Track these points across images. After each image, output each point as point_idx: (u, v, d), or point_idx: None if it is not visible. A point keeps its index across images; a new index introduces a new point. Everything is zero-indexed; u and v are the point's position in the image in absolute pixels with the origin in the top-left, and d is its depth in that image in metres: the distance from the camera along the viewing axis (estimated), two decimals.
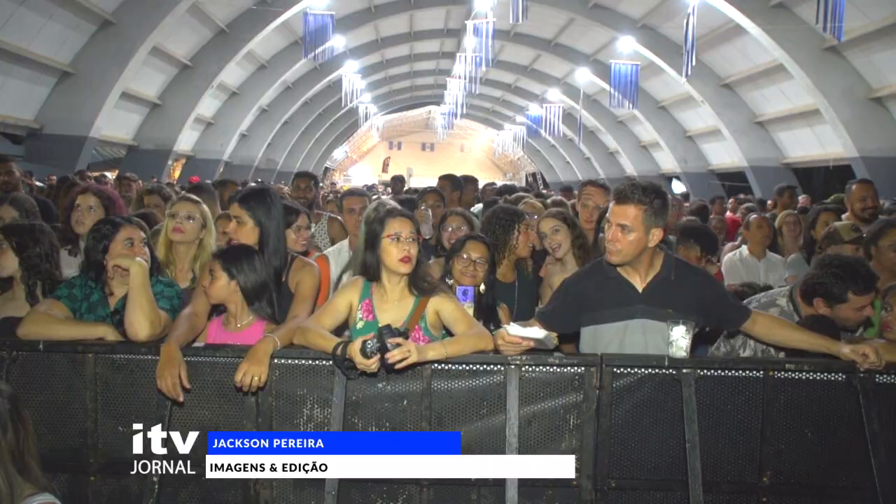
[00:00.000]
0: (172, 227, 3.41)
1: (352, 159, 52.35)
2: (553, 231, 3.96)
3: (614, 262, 2.81)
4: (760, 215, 5.72)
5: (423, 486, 2.67)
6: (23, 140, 15.75)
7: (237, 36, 18.96)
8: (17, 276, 3.09)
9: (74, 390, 2.71)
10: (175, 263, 3.44)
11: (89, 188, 4.01)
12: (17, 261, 3.07)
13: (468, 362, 2.65)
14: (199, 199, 3.60)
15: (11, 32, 12.97)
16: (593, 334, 2.89)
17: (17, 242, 3.07)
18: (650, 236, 2.74)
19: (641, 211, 2.71)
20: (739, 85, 19.15)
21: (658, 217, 2.73)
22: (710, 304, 2.86)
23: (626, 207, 2.73)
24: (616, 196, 2.79)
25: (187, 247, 3.46)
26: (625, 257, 2.77)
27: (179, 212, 3.45)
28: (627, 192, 2.74)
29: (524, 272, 3.86)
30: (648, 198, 2.71)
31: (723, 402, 2.69)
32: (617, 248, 2.75)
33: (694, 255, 4.00)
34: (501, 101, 37.30)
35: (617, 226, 2.74)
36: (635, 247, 2.74)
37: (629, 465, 2.71)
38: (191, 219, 3.43)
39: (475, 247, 3.39)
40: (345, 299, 2.86)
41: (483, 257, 3.36)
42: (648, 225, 2.72)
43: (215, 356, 2.69)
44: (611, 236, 2.76)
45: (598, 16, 19.87)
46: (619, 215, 2.74)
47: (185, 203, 3.50)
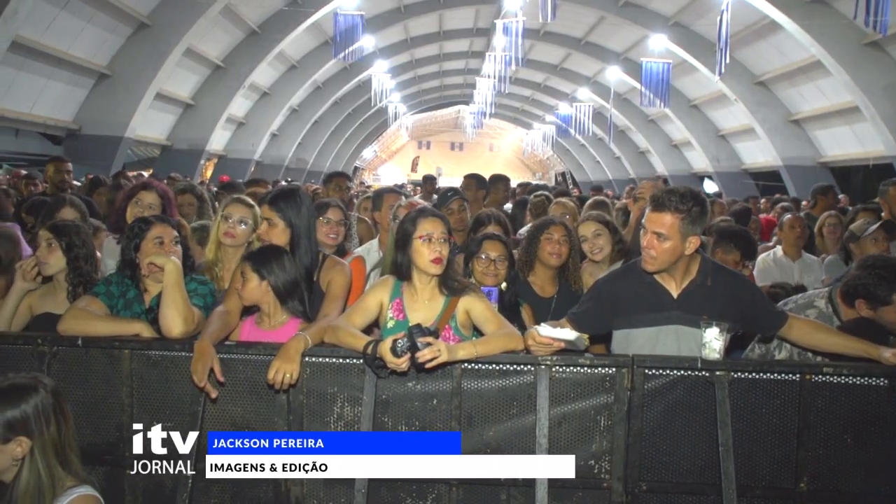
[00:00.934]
0: (224, 230, 3.40)
1: (381, 159, 52.58)
2: (595, 235, 3.94)
3: (650, 271, 2.78)
4: (794, 215, 5.61)
5: (453, 485, 2.67)
6: (62, 140, 16.13)
7: (268, 37, 19.16)
8: (62, 274, 3.15)
9: (111, 385, 2.77)
10: (223, 263, 3.44)
11: (152, 184, 4.03)
12: (65, 260, 3.13)
13: (498, 362, 2.65)
14: (253, 203, 3.54)
15: (53, 36, 13.30)
16: (626, 338, 2.86)
17: (66, 242, 3.13)
18: (686, 244, 2.69)
19: (678, 219, 2.66)
20: (774, 82, 18.79)
21: (695, 225, 2.68)
22: (746, 309, 2.81)
23: (662, 215, 2.68)
24: (653, 203, 2.74)
25: (236, 250, 3.44)
26: (661, 265, 2.73)
27: (233, 215, 3.42)
28: (664, 199, 2.68)
29: (569, 286, 3.73)
30: (686, 205, 2.66)
31: (757, 405, 2.64)
32: (652, 256, 2.71)
33: (732, 259, 3.91)
34: (531, 101, 37.12)
35: (653, 233, 2.70)
36: (671, 255, 2.70)
37: (660, 468, 2.67)
38: (243, 223, 3.41)
39: (493, 246, 3.39)
40: (375, 298, 2.87)
41: (502, 255, 3.36)
42: (685, 233, 2.67)
43: (248, 353, 2.72)
44: (646, 243, 2.72)
45: (629, 14, 19.67)
46: (656, 223, 2.69)
47: (239, 206, 3.46)
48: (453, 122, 50.96)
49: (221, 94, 19.72)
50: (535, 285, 3.67)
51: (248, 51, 19.44)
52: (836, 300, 3.16)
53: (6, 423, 2.00)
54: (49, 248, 3.12)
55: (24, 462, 2.02)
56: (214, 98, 19.73)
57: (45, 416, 2.04)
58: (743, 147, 22.92)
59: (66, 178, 6.21)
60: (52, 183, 6.29)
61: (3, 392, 2.03)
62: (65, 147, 15.82)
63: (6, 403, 2.01)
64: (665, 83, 19.02)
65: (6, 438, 2.00)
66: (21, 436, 2.01)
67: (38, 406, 2.04)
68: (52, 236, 3.14)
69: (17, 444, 2.01)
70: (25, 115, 14.10)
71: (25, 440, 2.01)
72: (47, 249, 3.12)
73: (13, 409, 2.01)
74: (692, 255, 2.79)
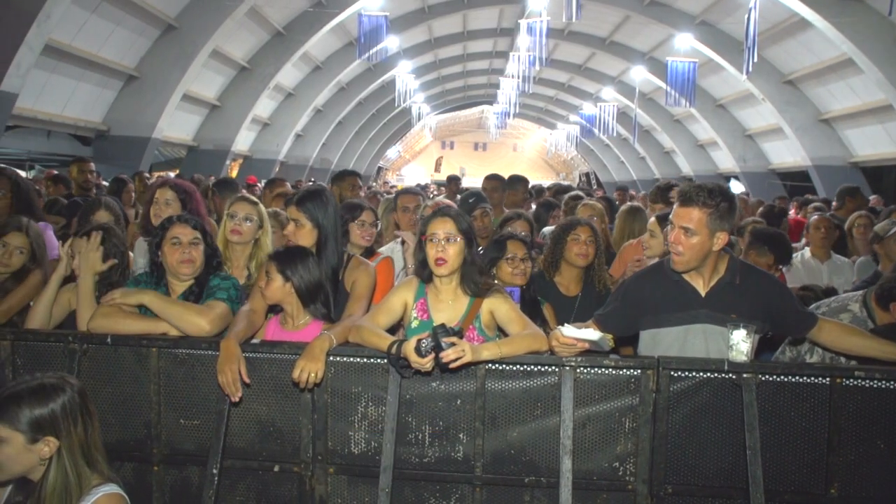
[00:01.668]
0: (231, 227, 3.48)
1: (405, 159, 52.71)
2: (650, 235, 3.94)
3: (678, 269, 2.74)
4: (820, 216, 5.51)
5: (476, 485, 2.67)
6: (91, 141, 16.41)
7: (293, 38, 19.29)
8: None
9: (139, 383, 2.81)
10: (231, 261, 3.51)
11: (167, 182, 4.09)
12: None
13: (522, 363, 2.64)
14: (256, 200, 3.65)
15: (83, 39, 13.54)
16: (653, 338, 2.83)
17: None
18: (714, 240, 2.65)
19: (706, 214, 2.62)
20: (803, 81, 18.46)
21: (724, 220, 2.64)
22: (775, 309, 2.76)
23: (690, 210, 2.65)
24: (680, 197, 2.71)
25: (244, 246, 3.53)
26: (688, 262, 2.69)
27: (238, 213, 3.51)
28: (692, 193, 2.65)
29: (593, 286, 3.73)
30: (714, 200, 2.62)
31: (786, 408, 2.60)
32: (679, 252, 2.67)
33: (765, 262, 3.84)
34: (555, 101, 36.95)
35: (680, 228, 2.66)
36: (698, 251, 2.66)
37: (686, 471, 2.65)
38: (248, 220, 3.50)
39: (517, 245, 3.40)
40: (400, 298, 2.87)
41: (526, 254, 3.39)
42: (713, 228, 2.63)
43: (272, 353, 2.74)
44: (673, 239, 2.68)
45: (654, 13, 19.47)
46: (683, 217, 2.66)
47: (244, 204, 3.56)
48: (477, 122, 50.90)
49: (247, 94, 19.90)
50: (560, 285, 3.68)
51: (274, 52, 19.59)
52: (871, 304, 3.09)
53: (35, 423, 2.02)
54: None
55: (51, 462, 2.04)
56: (240, 99, 19.91)
57: (72, 416, 2.06)
58: (770, 147, 22.57)
59: (89, 179, 6.31)
60: (76, 183, 6.40)
61: (32, 391, 2.05)
62: (94, 148, 16.09)
63: (34, 403, 2.03)
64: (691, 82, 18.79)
65: (34, 438, 2.02)
66: (49, 436, 2.03)
67: (66, 406, 2.06)
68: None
69: (45, 443, 2.03)
70: (57, 116, 14.37)
71: (53, 440, 2.03)
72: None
73: (41, 408, 2.03)
74: (720, 254, 2.75)
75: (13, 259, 3.32)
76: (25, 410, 2.01)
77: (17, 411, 2.01)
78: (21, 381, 2.11)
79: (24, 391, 2.04)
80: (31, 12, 10.61)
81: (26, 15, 10.61)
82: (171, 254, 2.96)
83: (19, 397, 2.03)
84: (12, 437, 2.01)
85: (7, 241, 3.32)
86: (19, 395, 2.03)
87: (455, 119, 49.35)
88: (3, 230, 3.36)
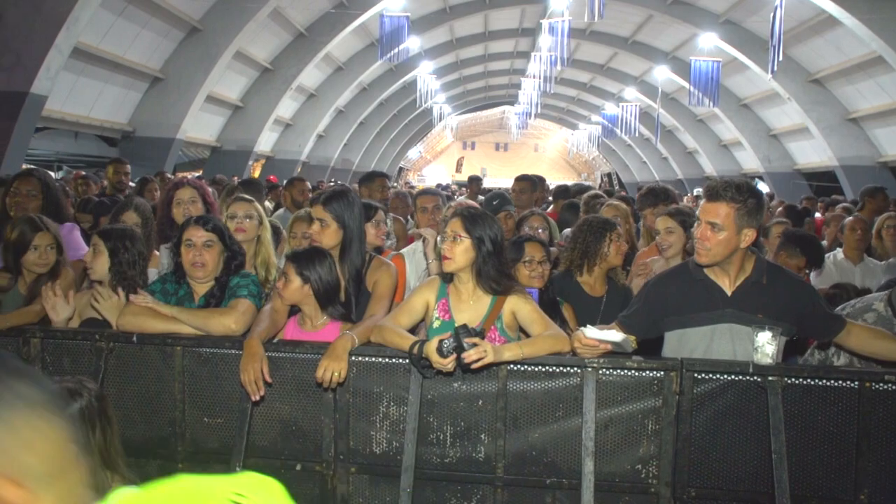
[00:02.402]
0: (234, 227, 3.48)
1: (426, 159, 52.78)
2: (667, 232, 3.92)
3: (703, 264, 2.70)
4: (856, 216, 5.42)
5: (498, 486, 2.67)
6: (117, 142, 16.66)
7: (315, 39, 19.40)
8: (107, 279, 3.20)
9: (164, 381, 2.85)
10: None
11: (183, 182, 4.14)
12: (109, 265, 3.17)
13: (544, 364, 2.63)
14: (252, 198, 3.72)
15: (110, 42, 13.75)
16: (678, 339, 2.79)
17: (111, 247, 3.17)
18: (742, 237, 2.61)
19: (734, 209, 2.59)
20: (830, 80, 18.17)
21: (751, 217, 2.60)
22: (802, 311, 2.71)
23: (717, 205, 2.61)
24: (707, 193, 2.68)
25: (248, 245, 3.54)
26: (714, 258, 2.65)
27: (238, 212, 3.54)
28: (720, 188, 2.62)
29: (616, 284, 3.75)
30: (742, 196, 2.59)
31: (812, 412, 2.57)
32: (706, 248, 2.63)
33: (796, 264, 3.77)
34: (576, 101, 36.76)
35: (707, 224, 2.63)
36: (725, 247, 2.62)
37: (710, 474, 2.62)
38: (249, 217, 3.54)
39: (535, 247, 3.38)
40: (421, 298, 2.87)
41: (544, 256, 3.37)
42: (740, 225, 2.60)
43: (295, 352, 2.76)
44: (700, 234, 2.65)
45: (677, 12, 19.29)
46: (710, 213, 2.62)
47: (242, 203, 3.60)
48: (498, 122, 50.83)
49: (269, 95, 20.06)
50: (585, 285, 3.66)
51: (296, 53, 19.73)
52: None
53: None
54: (95, 252, 3.17)
55: None
56: (262, 100, 20.07)
57: (90, 422, 2.04)
58: (796, 147, 22.26)
59: (122, 180, 6.42)
60: (110, 183, 6.52)
61: None
62: (119, 149, 16.32)
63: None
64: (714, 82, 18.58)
65: None
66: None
67: (84, 411, 2.04)
68: (100, 241, 3.19)
69: None
70: (84, 118, 14.61)
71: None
72: (93, 254, 3.17)
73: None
74: (747, 254, 2.72)
75: (50, 257, 3.38)
76: None
77: None
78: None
79: None
80: (60, 16, 10.80)
81: (56, 19, 10.81)
82: (185, 255, 2.98)
83: None
84: None
85: (37, 243, 3.37)
86: None
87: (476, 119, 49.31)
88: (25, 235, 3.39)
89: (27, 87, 10.92)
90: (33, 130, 12.24)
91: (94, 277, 3.21)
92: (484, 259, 2.75)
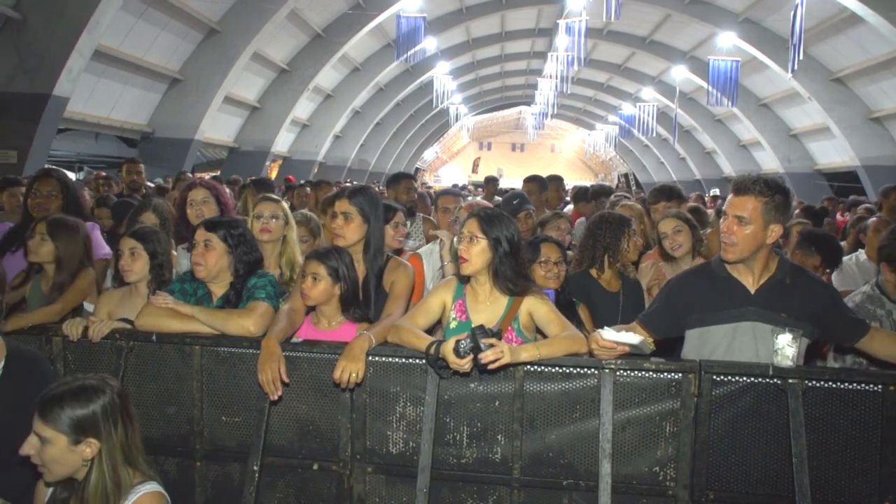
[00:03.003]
0: (259, 227, 3.52)
1: (442, 160, 52.82)
2: (675, 231, 3.97)
3: (730, 260, 2.67)
4: (880, 217, 5.34)
5: (514, 487, 2.66)
6: (136, 143, 16.85)
7: (332, 40, 19.50)
8: (143, 282, 3.25)
9: (183, 380, 2.86)
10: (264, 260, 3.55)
11: (196, 183, 4.18)
12: (148, 268, 3.23)
13: (561, 365, 2.62)
14: (279, 198, 3.73)
15: (130, 44, 13.92)
16: (700, 337, 2.77)
17: (150, 250, 3.22)
18: (768, 232, 2.59)
19: (761, 203, 2.57)
20: (853, 79, 17.93)
21: (779, 213, 2.58)
22: (825, 314, 2.68)
23: (745, 199, 2.59)
24: (735, 187, 2.66)
25: (273, 245, 3.58)
26: (741, 253, 2.62)
27: (264, 212, 3.57)
28: (748, 183, 2.60)
29: (628, 278, 3.77)
30: (770, 190, 2.57)
31: (834, 416, 2.52)
32: (732, 241, 2.61)
33: (811, 264, 3.74)
34: (593, 101, 36.61)
35: (734, 217, 2.60)
36: (751, 241, 2.59)
37: (729, 478, 2.59)
38: (275, 217, 3.56)
39: (551, 248, 3.38)
40: (438, 299, 2.87)
41: (560, 257, 3.36)
42: (767, 219, 2.57)
43: (312, 352, 2.77)
44: (726, 228, 2.63)
45: (696, 11, 19.15)
46: (737, 207, 2.60)
47: (268, 203, 3.62)
48: (514, 122, 50.75)
49: (286, 96, 20.18)
50: (602, 281, 3.66)
51: (313, 54, 19.83)
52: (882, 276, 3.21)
53: (76, 424, 2.03)
54: (133, 255, 3.20)
55: (93, 463, 2.06)
56: (280, 101, 20.21)
57: (112, 418, 2.07)
58: (816, 147, 22.00)
59: (136, 179, 6.47)
60: (125, 183, 6.59)
61: (73, 393, 2.06)
62: (139, 149, 16.52)
63: (76, 404, 2.04)
64: (733, 81, 18.42)
65: (77, 440, 2.03)
66: (90, 437, 2.04)
67: (106, 408, 2.07)
68: (138, 244, 3.22)
69: (87, 444, 2.04)
70: (105, 119, 14.80)
71: (94, 441, 2.04)
72: (131, 257, 3.20)
73: (83, 409, 2.04)
74: (772, 253, 2.69)
75: None
76: (67, 411, 2.03)
77: (59, 413, 2.03)
78: (63, 381, 2.13)
79: (65, 392, 2.06)
80: (82, 20, 10.96)
81: (78, 22, 10.97)
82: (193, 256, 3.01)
83: (61, 399, 2.05)
84: (56, 439, 2.03)
85: None
86: (61, 397, 2.05)
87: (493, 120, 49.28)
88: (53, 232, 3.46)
89: (49, 89, 11.09)
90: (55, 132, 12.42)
91: (131, 279, 3.23)
92: (501, 260, 2.75)
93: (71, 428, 2.03)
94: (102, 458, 2.06)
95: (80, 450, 2.05)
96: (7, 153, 11.20)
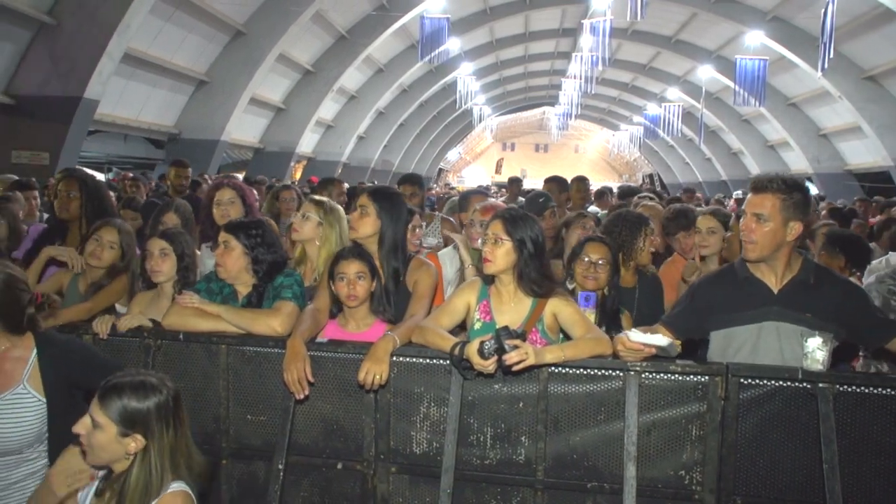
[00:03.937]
0: (293, 227, 3.59)
1: (465, 160, 52.82)
2: (709, 232, 3.91)
3: (750, 258, 2.64)
4: None
5: (538, 489, 2.65)
6: (164, 144, 17.11)
7: (356, 41, 19.61)
8: (170, 283, 3.28)
9: (209, 379, 2.89)
10: (306, 263, 3.57)
11: (223, 183, 4.20)
12: (176, 268, 3.26)
13: (586, 366, 2.60)
14: (321, 200, 3.67)
15: (158, 46, 14.15)
16: (724, 338, 2.74)
17: (179, 252, 3.27)
18: (788, 229, 2.56)
19: (780, 200, 2.54)
20: (886, 77, 17.54)
21: (798, 210, 2.55)
22: (852, 315, 2.63)
23: (763, 196, 2.57)
24: (753, 185, 2.65)
25: (315, 246, 3.56)
26: (761, 251, 2.59)
27: (300, 213, 3.62)
28: (766, 181, 2.59)
29: (645, 274, 3.76)
30: (788, 188, 2.55)
31: (866, 422, 2.47)
32: (752, 239, 2.58)
33: (836, 265, 3.69)
34: (618, 101, 36.34)
35: (752, 215, 2.58)
36: (771, 239, 2.57)
37: (757, 483, 2.56)
38: (306, 218, 3.55)
39: (595, 248, 3.32)
40: (463, 300, 2.87)
41: (604, 259, 3.29)
42: (786, 217, 2.54)
43: (337, 352, 2.78)
44: (744, 226, 2.60)
45: (723, 10, 18.91)
46: (756, 204, 2.58)
47: (308, 204, 3.65)
48: (538, 123, 50.59)
49: (311, 97, 20.34)
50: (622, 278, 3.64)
51: (337, 55, 19.96)
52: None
53: (129, 417, 2.04)
54: (163, 256, 3.24)
55: (136, 459, 2.06)
56: (304, 102, 20.37)
57: (164, 419, 2.07)
58: (847, 146, 21.59)
59: (183, 183, 6.57)
60: (172, 186, 6.67)
61: (133, 386, 2.07)
62: (166, 150, 16.77)
63: (133, 397, 2.05)
64: (761, 81, 18.16)
65: (125, 432, 2.04)
66: (138, 432, 2.05)
67: (160, 407, 2.07)
68: (168, 245, 3.26)
69: (133, 439, 2.05)
70: (133, 120, 15.05)
71: (140, 438, 2.05)
72: (161, 258, 3.24)
73: (138, 403, 2.05)
74: (794, 254, 2.66)
75: (105, 253, 3.46)
76: (124, 402, 2.04)
77: (116, 401, 2.04)
78: (126, 373, 2.14)
79: (126, 384, 2.07)
80: (112, 23, 11.17)
81: (108, 26, 11.18)
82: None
83: (121, 389, 2.06)
84: (107, 426, 2.04)
85: (100, 235, 3.48)
86: (122, 387, 2.06)
87: (516, 120, 49.16)
88: (98, 226, 3.53)
89: (80, 91, 11.31)
90: (86, 133, 12.65)
91: (160, 280, 3.27)
92: (525, 261, 2.74)
93: (122, 419, 2.03)
94: (147, 455, 2.06)
95: (126, 442, 2.05)
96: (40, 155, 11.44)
